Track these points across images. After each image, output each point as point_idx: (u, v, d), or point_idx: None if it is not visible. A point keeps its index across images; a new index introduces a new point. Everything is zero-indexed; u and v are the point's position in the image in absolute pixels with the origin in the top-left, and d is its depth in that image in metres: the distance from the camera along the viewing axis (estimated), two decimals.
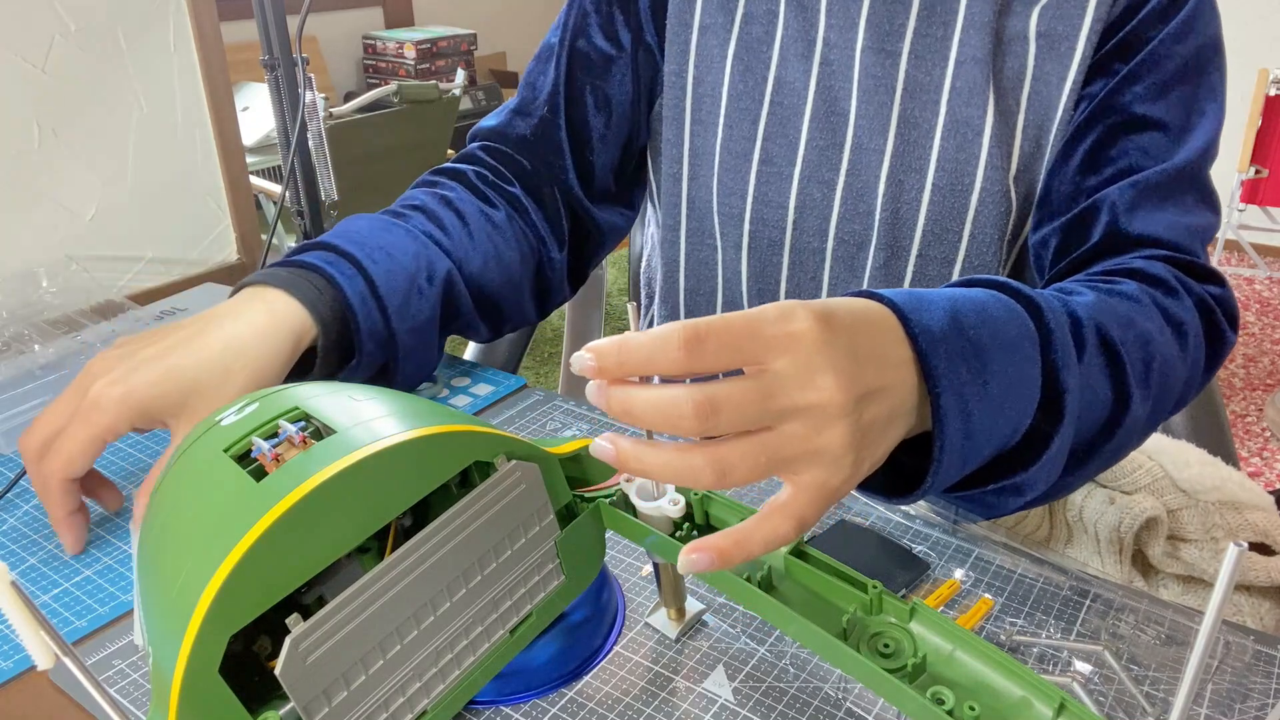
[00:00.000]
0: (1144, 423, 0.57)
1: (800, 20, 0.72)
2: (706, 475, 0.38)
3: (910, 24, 0.68)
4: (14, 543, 0.65)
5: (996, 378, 0.45)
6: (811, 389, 0.38)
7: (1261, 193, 3.14)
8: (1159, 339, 0.57)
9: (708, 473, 0.38)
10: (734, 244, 0.76)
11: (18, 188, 0.95)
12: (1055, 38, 0.66)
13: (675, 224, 0.79)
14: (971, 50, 0.67)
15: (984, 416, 0.45)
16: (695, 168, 0.77)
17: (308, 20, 0.88)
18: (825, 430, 0.38)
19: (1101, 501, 0.74)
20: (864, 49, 0.70)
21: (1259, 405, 2.56)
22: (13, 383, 0.80)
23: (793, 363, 0.38)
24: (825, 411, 0.38)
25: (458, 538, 0.43)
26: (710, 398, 0.37)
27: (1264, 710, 0.48)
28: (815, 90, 0.72)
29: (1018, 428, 0.47)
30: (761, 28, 0.73)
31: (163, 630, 0.38)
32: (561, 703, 0.50)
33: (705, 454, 0.38)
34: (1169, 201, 0.64)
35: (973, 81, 0.67)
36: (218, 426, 0.43)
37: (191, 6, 1.04)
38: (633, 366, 0.37)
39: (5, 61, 0.92)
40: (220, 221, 1.13)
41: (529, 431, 0.77)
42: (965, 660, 0.40)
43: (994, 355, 0.45)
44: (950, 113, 0.68)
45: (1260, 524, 0.73)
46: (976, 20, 0.67)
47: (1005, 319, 0.47)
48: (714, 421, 0.37)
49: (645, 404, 0.38)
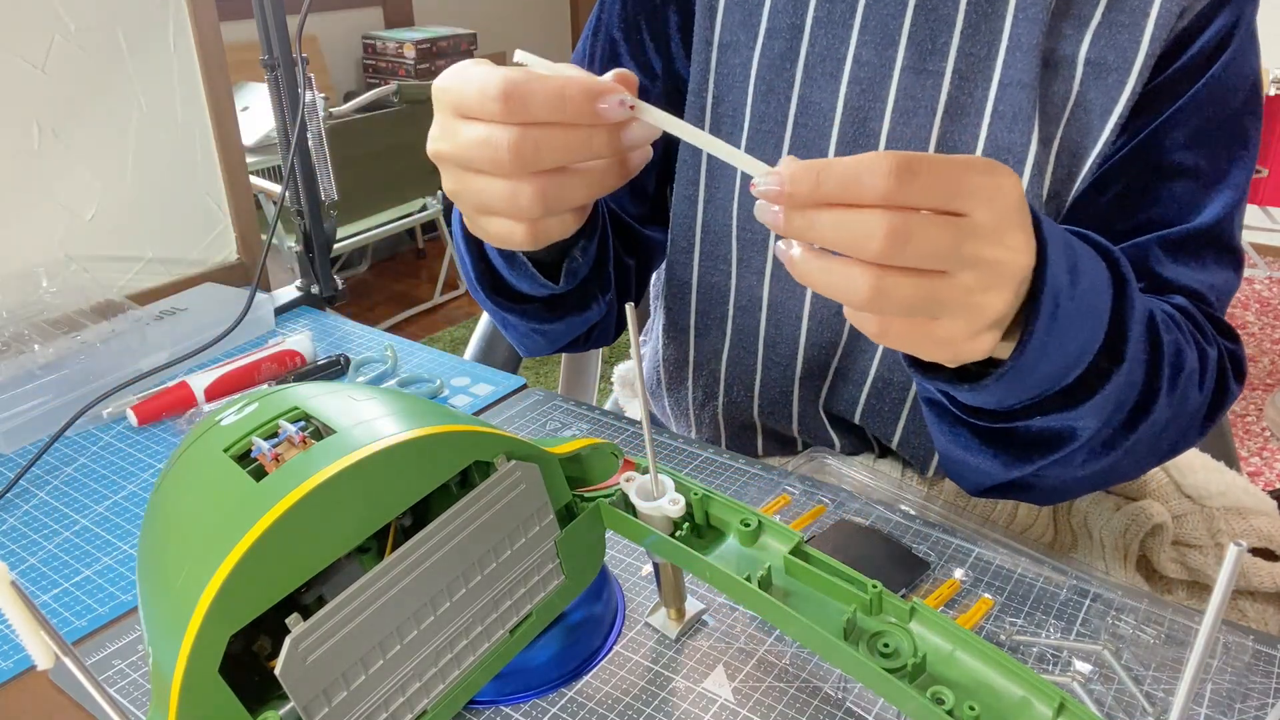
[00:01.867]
0: (1160, 429, 0.57)
1: (828, 37, 0.69)
2: (861, 291, 0.38)
3: (954, 43, 0.65)
4: (14, 543, 0.65)
5: (1083, 293, 0.46)
6: (1003, 246, 0.38)
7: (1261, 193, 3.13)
8: (1187, 355, 0.57)
9: (863, 289, 0.38)
10: (755, 271, 0.73)
11: (18, 188, 0.95)
12: (1105, 67, 0.63)
13: (688, 246, 0.76)
14: (1017, 73, 0.64)
15: (1068, 322, 0.45)
16: (712, 190, 0.74)
17: (308, 20, 0.87)
18: (994, 289, 0.39)
19: (1107, 508, 0.74)
20: (904, 68, 0.66)
21: (1259, 405, 2.56)
22: (13, 383, 0.80)
23: (993, 215, 0.38)
24: (1005, 270, 0.39)
25: (458, 538, 0.43)
26: (907, 223, 0.36)
27: (1264, 710, 0.48)
28: (843, 110, 0.69)
29: (1085, 351, 0.48)
30: (784, 43, 0.70)
31: (163, 630, 0.38)
32: (561, 703, 0.50)
33: (870, 272, 0.38)
34: (1194, 258, 0.64)
35: (1017, 106, 0.64)
36: (218, 426, 0.43)
37: (191, 6, 1.04)
38: (828, 191, 0.37)
39: (5, 61, 0.92)
40: (220, 221, 1.13)
41: (529, 431, 0.77)
42: (965, 660, 0.40)
43: (1084, 273, 0.46)
44: (991, 137, 0.65)
45: (1265, 529, 0.73)
46: (1023, 42, 0.63)
47: (1089, 249, 0.48)
48: (901, 250, 0.37)
49: (832, 221, 0.38)
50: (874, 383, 0.73)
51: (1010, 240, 0.39)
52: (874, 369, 0.72)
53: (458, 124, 0.45)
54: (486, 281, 0.65)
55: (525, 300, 0.66)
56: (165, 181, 1.07)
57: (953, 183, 0.37)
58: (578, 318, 0.70)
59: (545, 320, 0.68)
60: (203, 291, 1.03)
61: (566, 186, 0.46)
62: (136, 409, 0.79)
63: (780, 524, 0.46)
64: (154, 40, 1.02)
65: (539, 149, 0.43)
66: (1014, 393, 0.49)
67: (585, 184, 0.46)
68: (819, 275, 0.39)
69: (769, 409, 0.77)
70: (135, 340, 0.87)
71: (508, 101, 0.42)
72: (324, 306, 1.07)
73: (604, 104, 0.43)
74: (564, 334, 0.72)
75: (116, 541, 0.65)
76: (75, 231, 1.00)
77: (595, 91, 0.42)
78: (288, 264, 2.56)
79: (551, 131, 0.43)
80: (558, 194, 0.46)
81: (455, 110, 0.45)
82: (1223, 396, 0.63)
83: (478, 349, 1.06)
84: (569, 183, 0.46)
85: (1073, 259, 0.45)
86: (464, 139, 0.45)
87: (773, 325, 0.74)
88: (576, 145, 0.44)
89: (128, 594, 0.60)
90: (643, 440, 0.48)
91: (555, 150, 0.44)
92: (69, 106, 0.97)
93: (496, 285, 0.65)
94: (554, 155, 0.44)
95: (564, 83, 0.42)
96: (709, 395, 0.80)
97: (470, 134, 0.44)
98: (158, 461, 0.75)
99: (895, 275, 0.38)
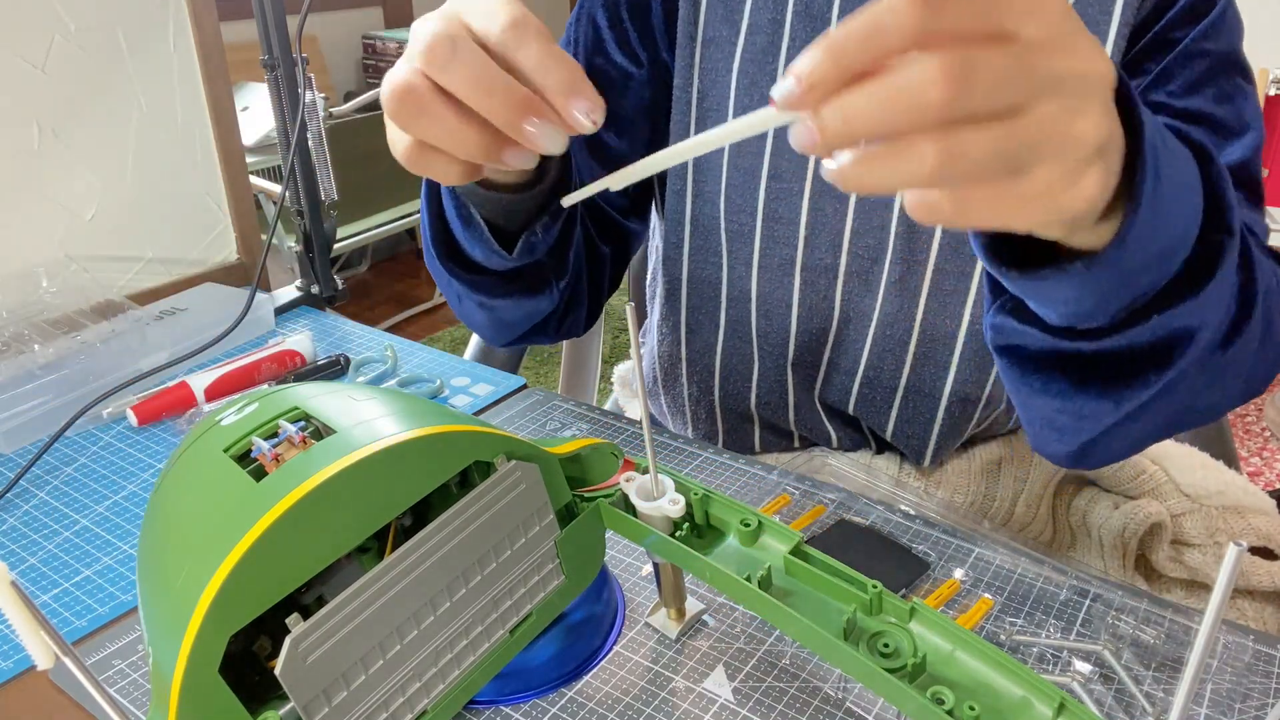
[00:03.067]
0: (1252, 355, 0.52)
1: (808, 30, 0.70)
2: (929, 159, 0.31)
3: None
4: (14, 543, 0.65)
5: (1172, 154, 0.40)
6: (1074, 54, 0.32)
7: None
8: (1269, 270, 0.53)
9: (930, 156, 0.31)
10: (743, 262, 0.74)
11: (18, 188, 0.95)
12: None
13: (679, 241, 0.77)
14: None
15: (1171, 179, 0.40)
16: (700, 184, 0.75)
17: (308, 20, 0.87)
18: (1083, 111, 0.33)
19: (1105, 506, 0.74)
20: None
21: (1259, 405, 2.56)
22: (13, 383, 0.80)
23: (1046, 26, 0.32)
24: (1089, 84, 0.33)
25: (458, 538, 0.43)
26: (964, 56, 0.30)
27: (1264, 710, 0.48)
28: None
29: (1192, 220, 0.43)
30: (766, 38, 0.71)
31: (163, 630, 0.38)
32: (561, 703, 0.50)
33: (934, 135, 0.31)
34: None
35: None
36: (218, 426, 0.43)
37: (191, 6, 1.04)
38: (853, 55, 0.31)
39: (5, 61, 0.92)
40: (220, 221, 1.13)
41: (529, 431, 0.77)
42: (965, 660, 0.40)
43: (1167, 136, 0.41)
44: None
45: (1263, 528, 0.73)
46: None
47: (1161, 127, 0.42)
48: (968, 90, 0.30)
49: (874, 95, 0.31)
50: (865, 372, 0.73)
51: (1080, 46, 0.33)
52: (865, 358, 0.73)
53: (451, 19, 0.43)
54: (441, 242, 0.64)
55: (476, 270, 0.65)
56: (165, 181, 1.07)
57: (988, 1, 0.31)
58: (528, 300, 0.68)
59: (492, 294, 0.67)
60: (203, 291, 1.03)
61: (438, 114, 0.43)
62: (136, 409, 0.79)
63: (780, 524, 0.46)
64: (154, 40, 1.02)
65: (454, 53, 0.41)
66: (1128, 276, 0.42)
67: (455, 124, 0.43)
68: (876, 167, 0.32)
69: (765, 399, 0.78)
70: (135, 340, 0.87)
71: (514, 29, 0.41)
72: (324, 306, 1.07)
73: (579, 103, 0.42)
74: (511, 313, 0.70)
75: (116, 541, 0.65)
76: (75, 231, 1.00)
77: (580, 87, 0.41)
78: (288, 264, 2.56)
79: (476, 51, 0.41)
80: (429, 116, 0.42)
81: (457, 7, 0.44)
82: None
83: (478, 349, 1.06)
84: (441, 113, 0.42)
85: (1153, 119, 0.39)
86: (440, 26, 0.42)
87: (763, 317, 0.75)
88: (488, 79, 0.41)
89: (128, 594, 0.60)
90: (643, 440, 0.48)
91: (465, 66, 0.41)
92: (69, 106, 0.97)
93: (450, 249, 0.64)
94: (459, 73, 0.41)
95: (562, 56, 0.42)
96: (704, 390, 0.80)
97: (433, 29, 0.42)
98: (158, 461, 0.75)
99: (965, 129, 0.31)
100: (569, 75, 0.42)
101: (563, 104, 0.42)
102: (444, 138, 0.44)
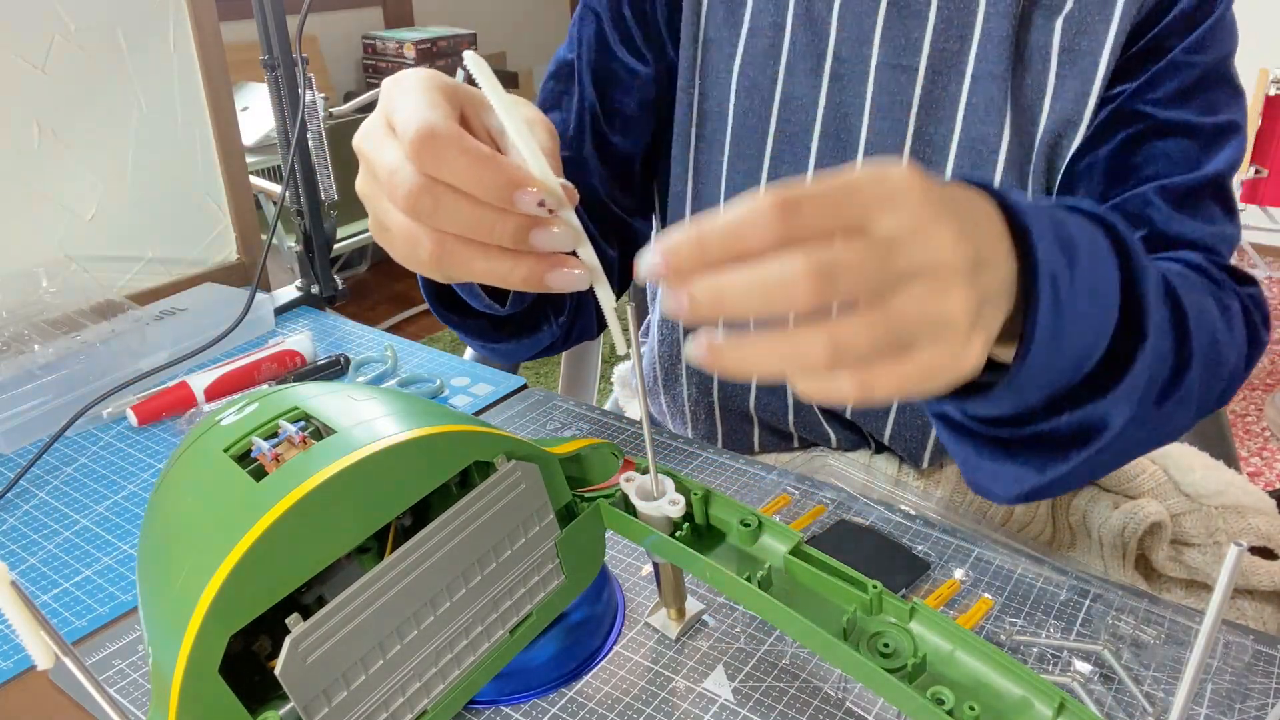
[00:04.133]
0: (1195, 397, 0.53)
1: (808, 34, 0.70)
2: (819, 353, 0.33)
3: (927, 38, 0.66)
4: (14, 543, 0.65)
5: (1083, 270, 0.41)
6: (930, 245, 0.34)
7: (1261, 193, 3.13)
8: (1213, 314, 0.54)
9: (821, 351, 0.33)
10: None
11: (18, 188, 0.95)
12: (1078, 53, 0.64)
13: None
14: (989, 65, 0.65)
15: (1073, 304, 0.41)
16: (700, 186, 0.75)
17: (308, 20, 0.87)
18: (949, 293, 0.34)
19: (1105, 506, 0.74)
20: (879, 65, 0.67)
21: (1259, 405, 2.56)
22: (13, 383, 0.80)
23: (902, 219, 0.34)
24: (948, 269, 0.34)
25: (458, 538, 0.43)
26: (826, 263, 0.32)
27: (1264, 710, 0.48)
28: (825, 106, 0.70)
29: (1101, 332, 0.44)
30: (767, 41, 0.71)
31: (163, 630, 0.38)
32: (561, 703, 0.50)
33: (818, 332, 0.33)
34: (1198, 211, 0.62)
35: (989, 98, 0.65)
36: (218, 426, 0.43)
37: (191, 6, 1.04)
38: (715, 252, 0.33)
39: (5, 61, 0.92)
40: (220, 221, 1.13)
41: (529, 431, 0.77)
42: (965, 660, 0.40)
43: (1080, 246, 0.42)
44: (966, 130, 0.66)
45: (1263, 528, 0.73)
46: (995, 34, 0.64)
47: (1083, 220, 0.44)
48: (831, 288, 0.32)
49: (745, 285, 0.33)
50: None
51: (937, 236, 0.34)
52: None
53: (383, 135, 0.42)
54: (433, 293, 0.63)
55: (472, 315, 0.65)
56: (165, 181, 1.07)
57: (842, 200, 0.34)
58: (528, 339, 0.69)
59: (492, 339, 0.67)
60: (203, 291, 1.03)
61: (465, 258, 0.42)
62: (136, 409, 0.79)
63: (780, 524, 0.46)
64: (154, 40, 1.02)
65: (438, 208, 0.40)
66: (1032, 392, 0.45)
67: (487, 265, 0.41)
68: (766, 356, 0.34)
69: (764, 400, 0.78)
70: (135, 340, 0.87)
71: (420, 148, 0.39)
72: (324, 306, 1.07)
73: (522, 196, 0.39)
74: (515, 353, 0.70)
75: (116, 541, 0.65)
76: (75, 231, 1.00)
77: (515, 182, 0.39)
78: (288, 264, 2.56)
79: (457, 198, 0.40)
80: (453, 260, 0.42)
81: (385, 119, 0.42)
82: (1255, 349, 0.60)
83: None
84: (469, 255, 0.42)
85: (1063, 232, 0.41)
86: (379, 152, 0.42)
87: (760, 322, 0.74)
88: (478, 222, 0.40)
89: (128, 594, 0.60)
90: (643, 440, 0.48)
91: (454, 216, 0.40)
92: (69, 106, 0.97)
93: (442, 297, 0.64)
94: (452, 221, 0.40)
95: (485, 160, 0.39)
96: (704, 390, 0.80)
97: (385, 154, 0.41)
98: (158, 461, 0.75)
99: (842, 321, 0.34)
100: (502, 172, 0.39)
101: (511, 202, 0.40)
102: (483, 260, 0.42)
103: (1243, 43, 0.67)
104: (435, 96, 0.41)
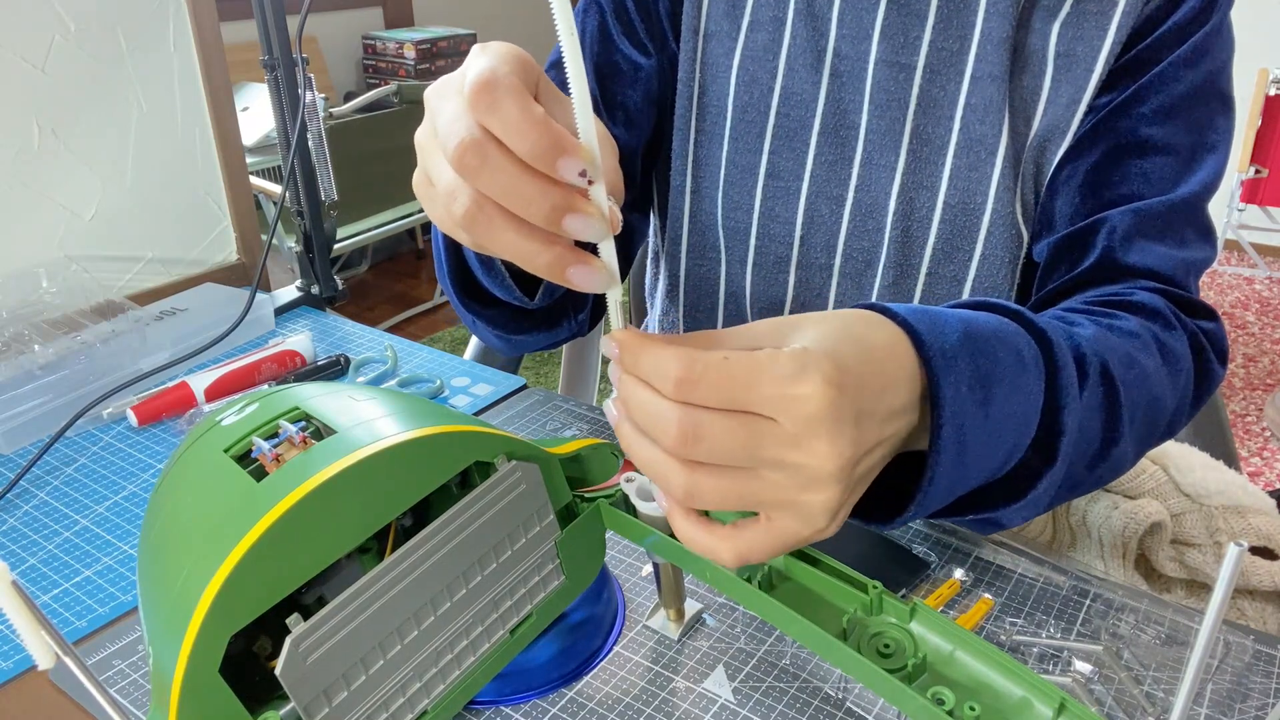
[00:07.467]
0: (1130, 458, 0.56)
1: (809, 29, 0.70)
2: (675, 490, 0.38)
3: (926, 37, 0.66)
4: (14, 543, 0.65)
5: (998, 408, 0.43)
6: (804, 451, 0.36)
7: (1261, 193, 3.14)
8: (1155, 376, 0.56)
9: (677, 489, 0.38)
10: (739, 259, 0.74)
11: (18, 188, 0.95)
12: (1074, 58, 0.64)
13: (677, 237, 0.77)
14: (988, 67, 0.65)
15: (979, 446, 0.43)
16: (699, 180, 0.75)
17: (308, 20, 0.88)
18: (811, 490, 0.37)
19: (1105, 506, 0.74)
20: (878, 62, 0.67)
21: (1259, 405, 2.56)
22: (13, 383, 0.80)
23: (789, 423, 0.36)
24: (815, 473, 0.37)
25: (458, 538, 0.43)
26: (696, 427, 0.36)
27: (1264, 710, 0.48)
28: (824, 102, 0.70)
29: (1009, 460, 0.46)
30: (768, 35, 0.71)
31: (163, 630, 0.38)
32: (561, 703, 0.50)
33: (682, 473, 0.38)
34: (1167, 234, 0.62)
35: (988, 99, 0.65)
36: (218, 427, 0.43)
37: (191, 6, 1.04)
38: (638, 371, 0.38)
39: (5, 61, 0.92)
40: (220, 221, 1.13)
41: (529, 431, 0.77)
42: (965, 660, 0.40)
43: (999, 387, 0.44)
44: (964, 130, 0.66)
45: (1263, 528, 0.73)
46: (994, 35, 0.65)
47: (1014, 351, 0.45)
48: (693, 450, 0.36)
49: (638, 407, 0.38)
50: None
51: (812, 447, 0.36)
52: None
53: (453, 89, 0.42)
54: (458, 279, 0.63)
55: (495, 304, 0.65)
56: (165, 181, 1.07)
57: (738, 390, 0.36)
58: (545, 334, 0.69)
59: (511, 330, 0.67)
60: (203, 292, 1.03)
61: (499, 226, 0.42)
62: (136, 409, 0.79)
63: None
64: (154, 40, 1.02)
65: (483, 166, 0.40)
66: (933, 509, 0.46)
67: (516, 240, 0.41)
68: (640, 462, 0.39)
69: None
70: (135, 340, 0.87)
71: (478, 91, 0.39)
72: (324, 307, 1.07)
73: (566, 162, 0.39)
74: (529, 345, 0.71)
75: (116, 541, 0.65)
76: (75, 231, 1.00)
77: (561, 147, 0.39)
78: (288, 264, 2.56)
79: (504, 159, 0.39)
80: (487, 226, 0.41)
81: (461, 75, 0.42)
82: (1208, 382, 0.61)
83: (478, 349, 1.06)
84: (503, 224, 0.41)
85: (983, 369, 0.43)
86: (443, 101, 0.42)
87: (758, 315, 0.75)
88: (518, 190, 0.40)
89: (128, 594, 0.60)
90: None
91: (497, 179, 0.40)
92: (69, 106, 0.97)
93: (467, 286, 0.63)
94: (494, 182, 0.40)
95: (537, 118, 0.39)
96: None
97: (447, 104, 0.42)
98: (158, 461, 0.75)
99: (705, 473, 0.37)
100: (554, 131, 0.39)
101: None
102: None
103: (1242, 43, 0.67)
104: (514, 63, 0.42)
